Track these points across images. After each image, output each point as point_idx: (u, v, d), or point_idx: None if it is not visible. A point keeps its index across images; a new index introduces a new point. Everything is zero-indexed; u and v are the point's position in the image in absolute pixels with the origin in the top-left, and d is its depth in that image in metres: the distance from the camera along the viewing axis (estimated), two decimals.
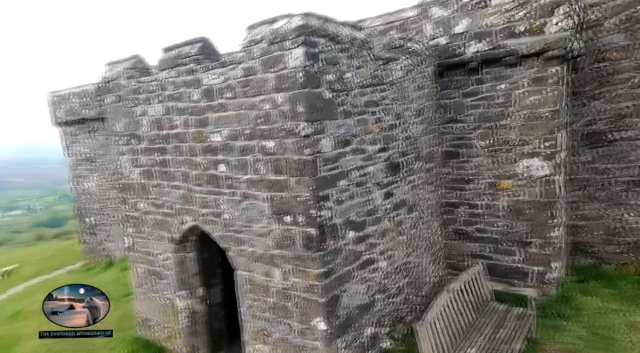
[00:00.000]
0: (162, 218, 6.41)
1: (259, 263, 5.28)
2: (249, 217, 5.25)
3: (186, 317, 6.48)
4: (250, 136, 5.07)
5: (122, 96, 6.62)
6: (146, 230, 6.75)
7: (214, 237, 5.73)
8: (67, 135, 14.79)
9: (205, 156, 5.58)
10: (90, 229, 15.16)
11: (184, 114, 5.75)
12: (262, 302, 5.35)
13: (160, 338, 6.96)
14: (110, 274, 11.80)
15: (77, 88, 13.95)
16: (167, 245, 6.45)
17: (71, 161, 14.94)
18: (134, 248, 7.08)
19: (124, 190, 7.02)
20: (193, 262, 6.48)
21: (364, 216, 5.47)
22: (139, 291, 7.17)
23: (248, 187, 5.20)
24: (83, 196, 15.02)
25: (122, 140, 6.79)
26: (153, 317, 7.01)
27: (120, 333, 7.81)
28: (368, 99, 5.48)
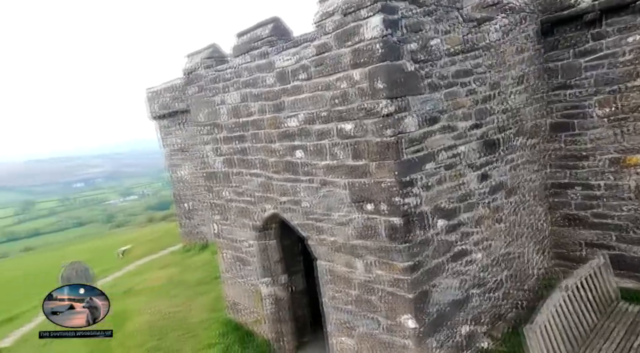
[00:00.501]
0: (244, 206, 6.42)
1: (339, 253, 4.98)
2: (328, 205, 4.95)
3: (271, 303, 6.49)
4: (326, 119, 4.71)
5: (202, 86, 6.70)
6: (230, 218, 6.86)
7: (294, 225, 5.55)
8: (162, 128, 15.98)
9: (282, 142, 5.38)
10: (187, 214, 16.36)
11: (260, 100, 5.58)
12: (344, 294, 5.06)
13: (248, 322, 7.12)
14: (204, 256, 12.59)
15: (167, 83, 14.91)
16: (249, 233, 6.48)
17: (166, 151, 16.16)
18: (220, 235, 7.28)
19: (208, 179, 7.20)
20: (275, 249, 6.42)
21: (455, 202, 4.83)
22: (226, 276, 7.39)
23: (326, 173, 4.88)
24: (179, 183, 16.21)
25: (205, 129, 6.91)
26: (241, 302, 7.18)
27: (213, 313, 8.24)
28: (458, 68, 4.75)
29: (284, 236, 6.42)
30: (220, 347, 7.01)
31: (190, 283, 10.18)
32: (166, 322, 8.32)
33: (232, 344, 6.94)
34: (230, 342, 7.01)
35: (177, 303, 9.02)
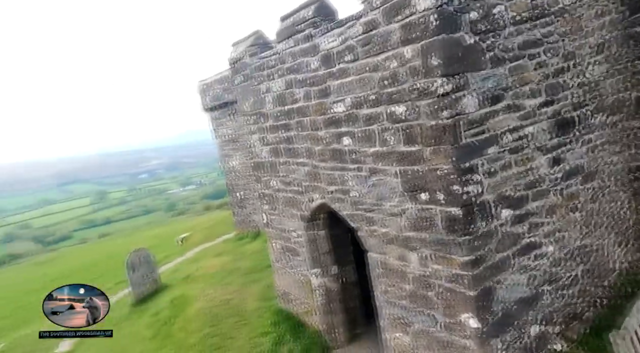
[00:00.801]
0: (292, 196, 6.28)
1: (392, 245, 4.66)
2: (379, 194, 4.63)
3: (321, 294, 6.34)
4: (375, 102, 4.36)
5: (247, 75, 6.59)
6: (279, 208, 6.76)
7: (343, 215, 5.30)
8: (214, 119, 16.34)
9: (328, 129, 5.11)
10: (239, 203, 16.72)
11: (304, 86, 5.34)
12: (398, 289, 4.75)
13: (299, 312, 7.04)
14: (256, 245, 12.76)
15: (218, 75, 15.14)
16: (298, 223, 6.33)
17: (218, 142, 16.53)
18: (269, 225, 7.22)
19: (256, 169, 7.14)
20: (324, 240, 6.23)
21: (522, 190, 4.30)
22: (277, 265, 7.35)
23: (375, 161, 4.55)
24: (231, 173, 16.56)
25: (251, 119, 6.82)
26: (291, 292, 7.11)
27: (265, 302, 8.28)
28: (525, 38, 4.17)
29: (334, 226, 6.20)
30: (272, 336, 7.01)
31: (243, 271, 10.35)
32: (221, 309, 8.51)
33: (284, 333, 6.91)
34: (282, 331, 6.98)
35: (230, 290, 9.20)
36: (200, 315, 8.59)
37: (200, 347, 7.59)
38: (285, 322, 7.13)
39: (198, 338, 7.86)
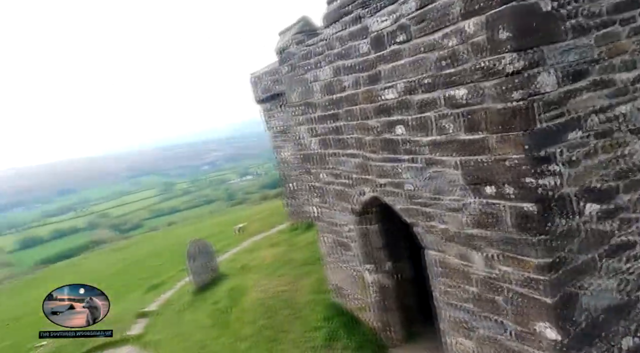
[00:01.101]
0: (342, 189, 5.98)
1: (452, 243, 4.21)
2: (436, 187, 4.18)
3: (375, 291, 6.03)
4: (431, 86, 3.90)
5: (294, 64, 6.34)
6: (329, 201, 6.51)
7: (397, 210, 4.91)
8: (265, 111, 16.43)
9: (379, 118, 4.72)
10: (292, 194, 16.76)
11: (353, 72, 4.98)
12: (460, 290, 4.30)
13: (352, 307, 6.79)
14: (309, 236, 12.68)
15: (268, 66, 15.13)
16: (349, 217, 6.04)
17: (270, 134, 16.63)
18: (320, 218, 7.00)
19: (306, 161, 6.92)
20: (377, 234, 5.89)
21: (612, 180, 3.64)
22: (328, 259, 7.14)
23: (432, 151, 4.10)
24: (283, 164, 16.62)
25: (299, 110, 6.59)
26: (344, 287, 6.88)
27: (318, 295, 8.13)
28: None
29: (387, 220, 5.83)
30: (325, 330, 6.84)
31: (296, 263, 10.31)
32: (275, 301, 8.51)
33: (337, 329, 6.71)
34: (335, 326, 6.79)
35: (284, 282, 9.18)
36: (255, 306, 8.67)
37: (256, 338, 7.64)
38: (338, 317, 6.93)
39: (253, 329, 7.92)
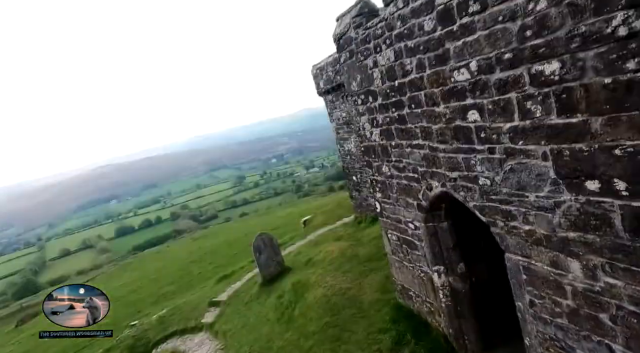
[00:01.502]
0: (406, 183, 5.47)
1: (540, 247, 3.55)
2: (520, 182, 3.54)
3: (446, 295, 5.46)
4: (512, 62, 3.27)
5: (353, 51, 5.92)
6: (393, 196, 6.03)
7: (470, 207, 4.31)
8: (328, 102, 16.16)
9: (448, 103, 4.14)
10: (356, 186, 16.38)
11: (417, 54, 4.43)
12: (550, 303, 3.63)
13: (421, 310, 6.28)
14: (374, 230, 12.23)
15: (330, 57, 14.79)
16: (415, 213, 5.52)
17: (333, 126, 16.34)
18: (383, 214, 6.55)
19: (367, 153, 6.49)
20: (447, 233, 5.30)
21: None
22: (394, 258, 6.67)
23: (514, 138, 3.46)
24: (347, 157, 16.26)
25: (359, 99, 6.16)
26: (411, 288, 6.38)
27: (384, 295, 7.71)
28: None
29: (460, 217, 5.23)
30: (392, 333, 6.42)
31: (361, 259, 9.95)
32: (340, 299, 8.25)
33: (405, 333, 6.25)
34: (403, 330, 6.33)
35: (349, 279, 8.88)
36: (319, 302, 8.49)
37: (321, 336, 7.45)
38: (405, 320, 6.46)
39: (318, 326, 7.74)
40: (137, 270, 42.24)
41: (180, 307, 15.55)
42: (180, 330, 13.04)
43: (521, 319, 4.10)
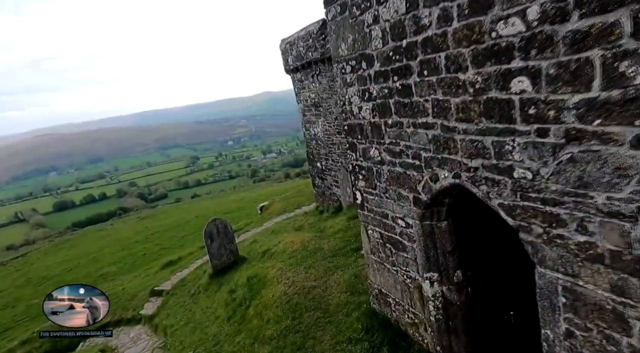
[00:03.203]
0: (402, 171, 4.43)
1: (599, 266, 2.64)
2: (584, 177, 2.58)
3: (437, 307, 4.53)
4: (599, 6, 2.26)
5: (346, 3, 4.72)
6: (380, 186, 4.98)
7: (494, 205, 3.34)
8: (296, 81, 14.83)
9: (482, 68, 3.09)
10: (320, 173, 15.30)
11: (440, 1, 3.34)
12: (601, 338, 2.75)
13: (401, 321, 5.35)
14: (339, 222, 11.27)
15: (302, 31, 13.43)
16: (409, 208, 4.51)
17: (300, 107, 15.08)
18: (365, 207, 5.50)
19: (351, 133, 5.38)
20: (447, 234, 4.35)
21: None
22: (372, 258, 5.66)
23: (584, 117, 2.48)
24: (312, 141, 15.10)
25: (348, 66, 5.00)
26: (391, 294, 5.42)
27: (353, 297, 6.73)
28: None
29: (463, 216, 4.29)
30: (364, 345, 5.44)
31: (326, 253, 8.92)
32: (302, 299, 7.17)
33: (381, 346, 5.30)
34: (377, 341, 5.38)
35: (313, 276, 7.82)
36: (279, 302, 7.36)
37: (280, 342, 6.34)
38: (381, 330, 5.51)
39: (276, 331, 6.62)
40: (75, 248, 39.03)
41: (118, 293, 13.78)
42: (115, 321, 11.37)
43: (547, 351, 3.22)
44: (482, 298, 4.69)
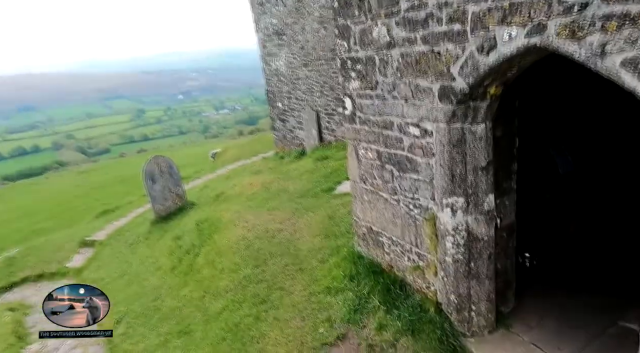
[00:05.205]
0: (426, 49, 2.99)
1: None
2: None
3: (457, 244, 3.32)
4: None
5: None
6: (385, 82, 3.54)
7: (610, 65, 2.00)
8: (256, 5, 12.66)
9: None
10: (281, 115, 13.61)
11: None
12: None
13: (397, 265, 4.14)
14: (305, 164, 9.85)
15: None
16: (430, 108, 3.14)
17: (260, 37, 13.02)
18: (356, 117, 4.07)
19: (343, 10, 3.81)
20: (483, 143, 3.06)
21: None
22: (363, 188, 4.33)
23: None
24: (273, 77, 13.24)
25: None
26: (386, 231, 4.16)
27: (329, 240, 5.45)
28: None
29: (509, 117, 3.01)
30: (348, 296, 4.23)
31: (292, 194, 7.54)
32: (265, 243, 5.80)
33: (370, 296, 4.10)
34: (365, 291, 4.18)
35: (278, 218, 6.42)
36: (236, 248, 5.95)
37: (237, 295, 5.00)
38: (370, 278, 4.29)
39: (233, 281, 5.26)
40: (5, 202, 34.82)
41: (40, 246, 11.64)
42: (36, 276, 9.46)
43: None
44: (512, 230, 3.57)
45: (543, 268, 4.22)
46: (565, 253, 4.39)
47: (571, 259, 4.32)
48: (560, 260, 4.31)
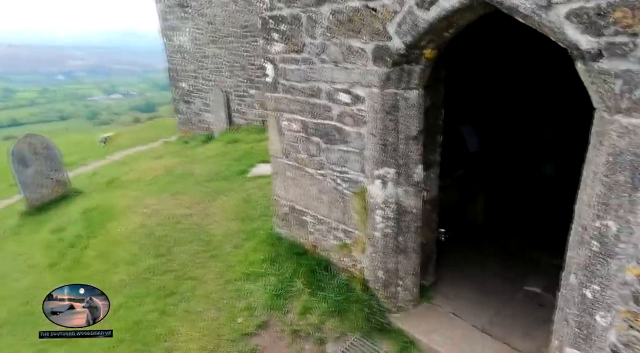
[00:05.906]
0: (360, 5, 2.75)
1: None
2: None
3: (386, 217, 3.20)
4: None
5: None
6: (313, 44, 3.22)
7: (554, 19, 1.97)
8: None
9: None
10: (185, 96, 12.47)
11: None
12: None
13: (322, 245, 3.91)
14: (213, 147, 9.10)
15: None
16: (363, 71, 2.92)
17: (160, 8, 11.68)
18: (279, 86, 3.69)
19: None
20: (415, 111, 2.96)
21: None
22: (285, 163, 3.98)
23: None
24: (176, 54, 12.02)
25: None
26: (310, 209, 3.89)
27: (246, 224, 5.00)
28: None
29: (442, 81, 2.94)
30: (270, 280, 3.87)
31: (200, 178, 6.83)
32: (170, 230, 5.09)
33: (293, 279, 3.80)
34: (289, 274, 3.86)
35: (184, 203, 5.71)
36: (135, 237, 5.11)
37: (139, 289, 4.25)
38: (292, 260, 3.98)
39: (132, 274, 4.48)
40: None
41: None
42: None
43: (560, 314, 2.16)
44: (435, 203, 3.58)
45: (455, 242, 4.39)
46: (474, 228, 4.65)
47: (480, 233, 4.59)
48: (470, 234, 4.54)
